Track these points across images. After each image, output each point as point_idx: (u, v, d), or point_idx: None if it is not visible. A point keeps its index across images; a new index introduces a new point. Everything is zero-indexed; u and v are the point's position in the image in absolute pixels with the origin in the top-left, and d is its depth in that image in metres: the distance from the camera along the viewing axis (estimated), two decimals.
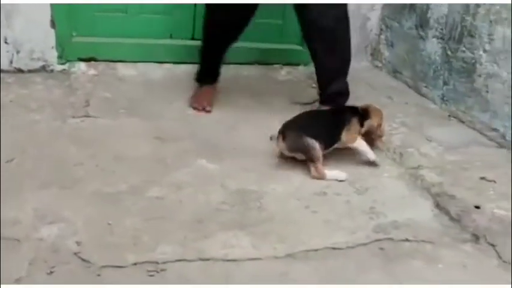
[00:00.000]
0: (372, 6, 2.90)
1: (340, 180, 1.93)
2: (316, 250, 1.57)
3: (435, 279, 1.49)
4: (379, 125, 2.09)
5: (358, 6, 2.88)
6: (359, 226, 1.70)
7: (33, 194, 1.68)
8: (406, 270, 1.52)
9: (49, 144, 1.98)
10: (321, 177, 1.92)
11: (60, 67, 2.57)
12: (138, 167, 1.90)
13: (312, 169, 1.93)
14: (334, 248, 1.58)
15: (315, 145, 1.91)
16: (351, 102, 2.35)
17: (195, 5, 2.73)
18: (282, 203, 1.79)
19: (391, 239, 1.65)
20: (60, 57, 2.56)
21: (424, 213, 1.80)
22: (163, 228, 1.60)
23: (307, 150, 1.93)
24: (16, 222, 1.54)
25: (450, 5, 2.40)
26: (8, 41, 2.45)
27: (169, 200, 1.74)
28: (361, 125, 2.04)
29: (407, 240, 1.65)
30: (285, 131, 1.96)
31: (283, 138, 1.95)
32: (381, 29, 2.93)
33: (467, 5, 2.30)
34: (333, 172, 1.94)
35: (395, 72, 2.85)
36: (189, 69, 2.72)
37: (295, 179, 1.93)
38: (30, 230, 1.52)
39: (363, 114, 2.05)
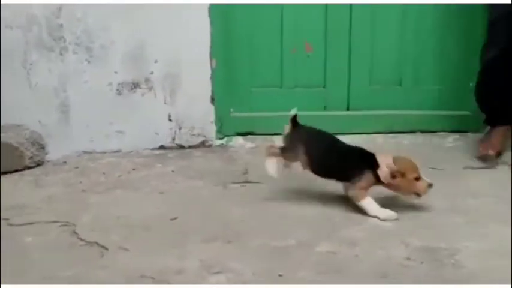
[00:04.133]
0: None
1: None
2: None
3: None
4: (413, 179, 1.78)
5: None
6: None
7: (198, 247, 1.59)
8: None
9: (211, 205, 1.92)
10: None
11: (218, 142, 2.59)
12: (306, 224, 1.74)
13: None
14: None
15: None
16: None
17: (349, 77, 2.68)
18: (482, 260, 1.47)
19: None
20: (218, 131, 2.59)
21: None
22: (340, 281, 1.38)
23: None
24: (182, 271, 1.44)
25: None
26: (171, 118, 2.55)
27: (343, 255, 1.53)
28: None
29: None
30: None
31: None
32: None
33: None
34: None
35: None
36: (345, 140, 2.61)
37: (491, 236, 1.62)
38: (197, 278, 1.40)
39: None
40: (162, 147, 2.55)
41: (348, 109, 2.70)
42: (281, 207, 1.88)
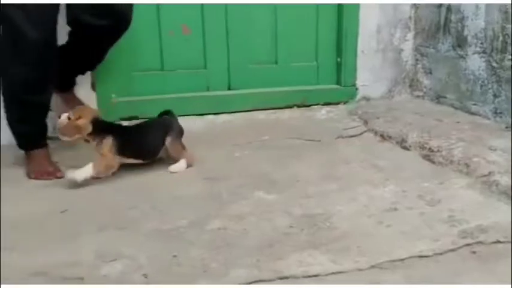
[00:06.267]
0: (404, 37, 2.90)
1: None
2: (402, 260, 1.43)
3: None
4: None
5: (390, 38, 2.89)
6: (441, 234, 1.56)
7: (91, 237, 1.60)
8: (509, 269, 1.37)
9: (100, 194, 1.92)
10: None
11: None
12: (194, 204, 1.82)
13: None
14: (421, 256, 1.44)
15: None
16: (403, 129, 2.31)
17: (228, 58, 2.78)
18: (352, 221, 1.67)
19: (481, 242, 1.50)
20: None
21: (509, 216, 1.66)
22: (231, 254, 1.49)
23: None
24: (76, 264, 1.45)
25: (487, 18, 2.38)
26: (51, 108, 2.47)
27: (233, 230, 1.64)
28: None
29: (499, 242, 1.51)
30: None
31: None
32: (416, 59, 2.91)
33: (505, 13, 2.27)
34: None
35: (438, 98, 2.78)
36: (228, 119, 2.72)
37: (360, 199, 1.83)
38: (92, 268, 1.43)
39: None
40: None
41: (229, 89, 2.81)
42: (170, 190, 1.94)
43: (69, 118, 1.96)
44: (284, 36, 2.83)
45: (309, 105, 2.86)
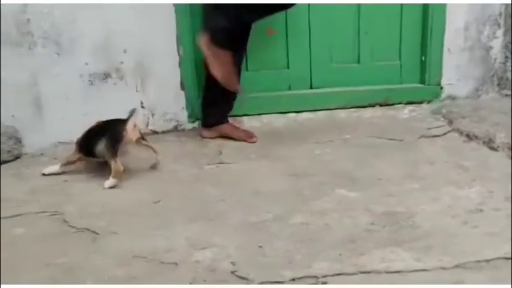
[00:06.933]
0: (493, 34, 2.81)
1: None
2: (488, 260, 1.42)
3: None
4: None
5: (478, 36, 2.81)
6: None
7: (183, 227, 1.72)
8: None
9: (190, 187, 2.05)
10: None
11: (190, 125, 2.72)
12: (278, 199, 1.89)
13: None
14: (507, 258, 1.43)
15: None
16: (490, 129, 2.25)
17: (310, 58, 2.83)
18: (436, 220, 1.67)
19: None
20: (190, 116, 2.71)
21: None
22: (314, 248, 1.55)
23: None
24: (171, 250, 1.58)
25: None
26: (144, 105, 2.65)
27: (316, 225, 1.70)
28: None
29: None
30: None
31: None
32: (506, 57, 2.80)
33: None
34: None
35: None
36: (310, 117, 2.77)
37: (444, 199, 1.82)
38: (185, 255, 1.54)
39: None
40: None
41: (311, 88, 2.86)
42: (255, 185, 2.02)
43: None
44: (367, 35, 2.83)
45: (392, 104, 2.84)
